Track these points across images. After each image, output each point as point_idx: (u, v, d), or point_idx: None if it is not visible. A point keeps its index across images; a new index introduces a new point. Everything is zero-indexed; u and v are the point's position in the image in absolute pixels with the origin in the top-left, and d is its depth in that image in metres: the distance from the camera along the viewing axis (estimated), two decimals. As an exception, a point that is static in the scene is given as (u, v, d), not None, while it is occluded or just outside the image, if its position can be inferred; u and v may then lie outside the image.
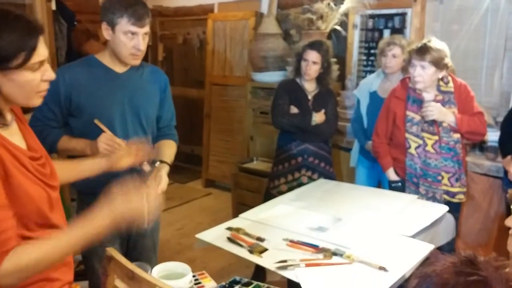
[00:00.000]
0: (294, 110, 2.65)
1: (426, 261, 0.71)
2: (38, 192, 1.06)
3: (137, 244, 1.88)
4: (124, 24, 1.59)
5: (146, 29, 1.63)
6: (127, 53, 1.64)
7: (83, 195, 1.78)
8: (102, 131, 1.63)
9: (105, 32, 1.65)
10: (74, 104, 1.66)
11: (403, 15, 3.34)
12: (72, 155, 1.71)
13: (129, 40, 1.61)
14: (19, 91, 1.02)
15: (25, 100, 1.05)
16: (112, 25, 1.61)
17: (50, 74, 1.07)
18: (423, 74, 2.15)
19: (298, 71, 2.68)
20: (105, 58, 1.72)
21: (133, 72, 1.76)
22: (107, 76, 1.71)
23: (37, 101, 1.08)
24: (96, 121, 1.64)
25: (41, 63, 1.04)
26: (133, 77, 1.76)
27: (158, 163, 1.71)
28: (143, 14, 1.60)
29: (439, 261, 0.67)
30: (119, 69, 1.73)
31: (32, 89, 1.04)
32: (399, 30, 3.34)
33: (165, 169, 1.70)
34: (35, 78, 1.03)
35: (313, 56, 2.58)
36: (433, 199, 2.19)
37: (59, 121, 1.70)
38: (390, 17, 3.42)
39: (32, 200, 1.04)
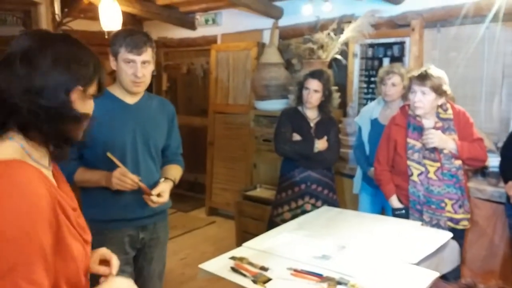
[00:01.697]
0: (296, 137, 2.69)
1: (427, 290, 0.72)
2: (79, 250, 0.90)
3: (143, 270, 1.90)
4: (123, 52, 1.70)
5: (145, 57, 1.71)
6: (128, 80, 1.73)
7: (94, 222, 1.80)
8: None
9: (112, 63, 1.75)
10: (88, 135, 1.70)
11: (401, 44, 3.43)
12: (86, 187, 1.76)
13: (129, 68, 1.71)
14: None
15: (76, 132, 0.97)
16: (115, 55, 1.72)
17: (91, 108, 1.02)
18: (423, 100, 2.19)
19: (300, 100, 2.73)
20: (115, 90, 1.80)
21: (143, 103, 1.84)
22: (119, 107, 1.78)
23: (80, 136, 0.99)
24: (109, 155, 1.67)
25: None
26: (143, 107, 1.83)
27: (163, 179, 1.80)
28: (139, 42, 1.69)
29: (440, 289, 0.68)
30: (130, 100, 1.81)
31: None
32: (398, 58, 3.42)
33: (168, 184, 1.79)
34: (90, 109, 0.98)
35: (314, 84, 2.64)
36: (437, 226, 2.18)
37: (74, 153, 1.73)
38: (389, 46, 3.50)
39: (74, 260, 0.88)
